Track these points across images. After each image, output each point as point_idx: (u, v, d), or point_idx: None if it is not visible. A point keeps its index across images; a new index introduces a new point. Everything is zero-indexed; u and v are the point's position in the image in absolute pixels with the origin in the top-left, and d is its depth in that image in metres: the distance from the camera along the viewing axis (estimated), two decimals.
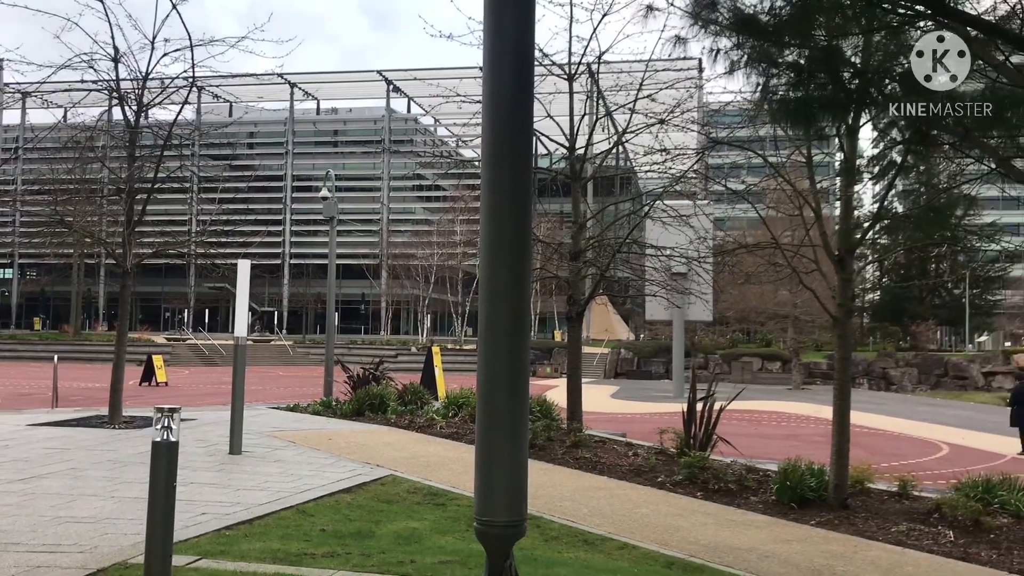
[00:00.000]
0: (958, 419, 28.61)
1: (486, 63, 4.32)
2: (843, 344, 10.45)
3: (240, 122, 68.51)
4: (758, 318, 48.12)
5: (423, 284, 61.05)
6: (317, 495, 9.21)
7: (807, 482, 9.85)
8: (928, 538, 8.64)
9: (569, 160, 15.13)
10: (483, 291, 4.29)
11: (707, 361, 47.43)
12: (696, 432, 12.28)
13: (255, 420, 15.58)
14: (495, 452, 4.22)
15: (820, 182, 11.71)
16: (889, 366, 47.37)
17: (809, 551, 7.90)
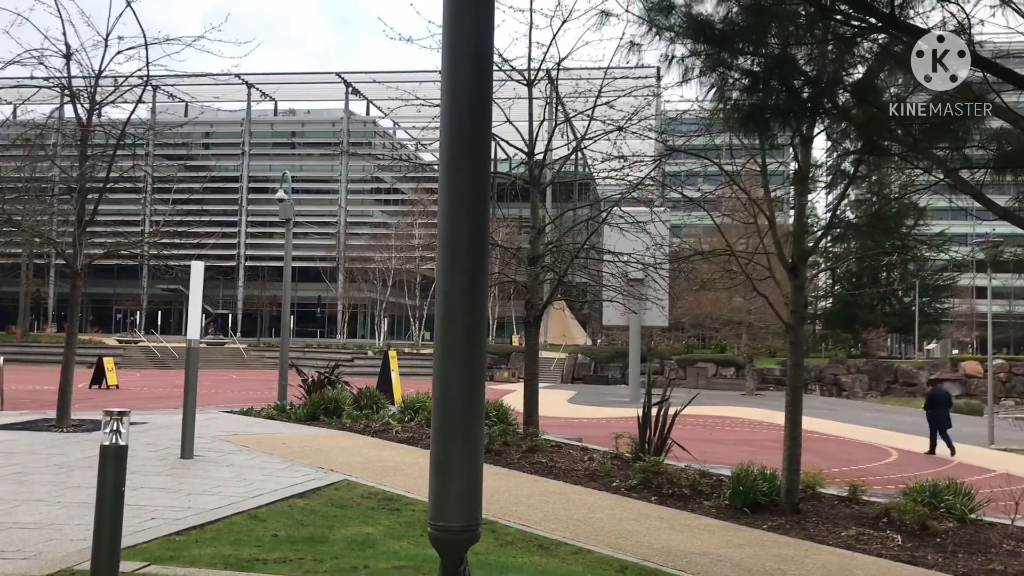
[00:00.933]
0: (907, 425, 29.12)
1: (444, 67, 4.32)
2: (795, 350, 10.59)
3: (196, 122, 67.56)
4: (713, 324, 48.62)
5: (380, 288, 60.72)
6: (270, 500, 9.11)
7: (759, 487, 9.97)
8: (877, 542, 8.79)
9: (528, 165, 15.16)
10: (439, 295, 4.28)
11: (663, 366, 47.80)
12: (651, 437, 12.37)
13: (208, 424, 15.37)
14: (450, 457, 4.21)
15: (774, 190, 11.84)
16: (841, 372, 48.17)
17: (761, 555, 7.99)
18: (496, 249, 17.72)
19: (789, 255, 10.41)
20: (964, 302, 67.32)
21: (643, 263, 15.42)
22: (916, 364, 50.24)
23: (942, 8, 5.41)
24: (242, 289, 72.89)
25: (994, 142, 5.46)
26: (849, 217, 12.84)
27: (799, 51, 5.63)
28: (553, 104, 17.02)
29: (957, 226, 58.61)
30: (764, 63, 5.33)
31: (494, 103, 14.00)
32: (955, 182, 5.50)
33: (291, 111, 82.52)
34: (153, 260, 21.32)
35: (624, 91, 15.47)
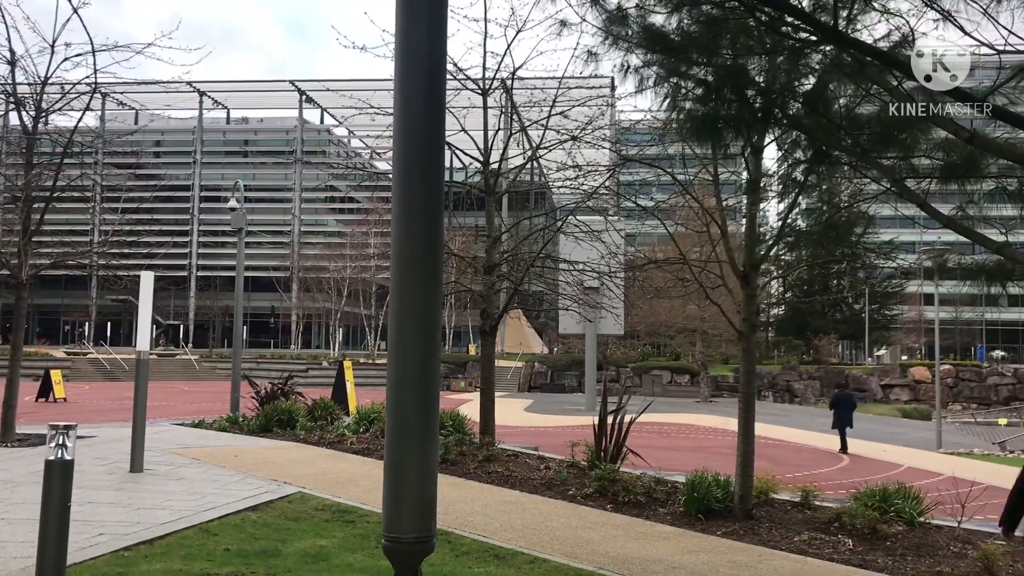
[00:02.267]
0: (858, 431, 29.56)
1: (397, 75, 4.31)
2: (748, 357, 10.70)
3: (146, 130, 66.72)
4: (668, 332, 49.07)
5: (335, 297, 60.29)
6: (222, 513, 8.97)
7: (713, 493, 10.05)
8: (829, 546, 8.90)
9: (483, 174, 15.16)
10: (393, 304, 4.25)
11: (619, 374, 48.08)
12: (607, 445, 12.40)
13: (158, 437, 15.09)
14: (404, 467, 4.19)
15: (726, 200, 12.00)
16: (793, 379, 48.85)
17: (715, 561, 8.05)
18: (452, 258, 17.69)
19: (741, 263, 10.54)
20: (912, 309, 68.72)
21: (598, 272, 15.50)
22: (866, 370, 51.18)
23: (887, 22, 5.52)
24: (194, 299, 71.93)
25: (940, 152, 5.60)
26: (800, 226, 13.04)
27: (751, 62, 5.71)
28: (508, 113, 17.08)
29: (905, 234, 60.11)
30: (717, 73, 5.40)
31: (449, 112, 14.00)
32: (901, 191, 5.61)
33: (244, 119, 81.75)
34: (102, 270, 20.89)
35: (579, 101, 15.56)
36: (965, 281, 6.11)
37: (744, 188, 11.04)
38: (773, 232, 12.70)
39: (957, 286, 6.60)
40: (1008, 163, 5.43)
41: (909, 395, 47.76)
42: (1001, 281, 5.55)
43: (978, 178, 5.50)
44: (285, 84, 70.24)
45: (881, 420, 37.13)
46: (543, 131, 15.26)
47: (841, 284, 60.56)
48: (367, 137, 64.45)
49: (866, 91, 5.62)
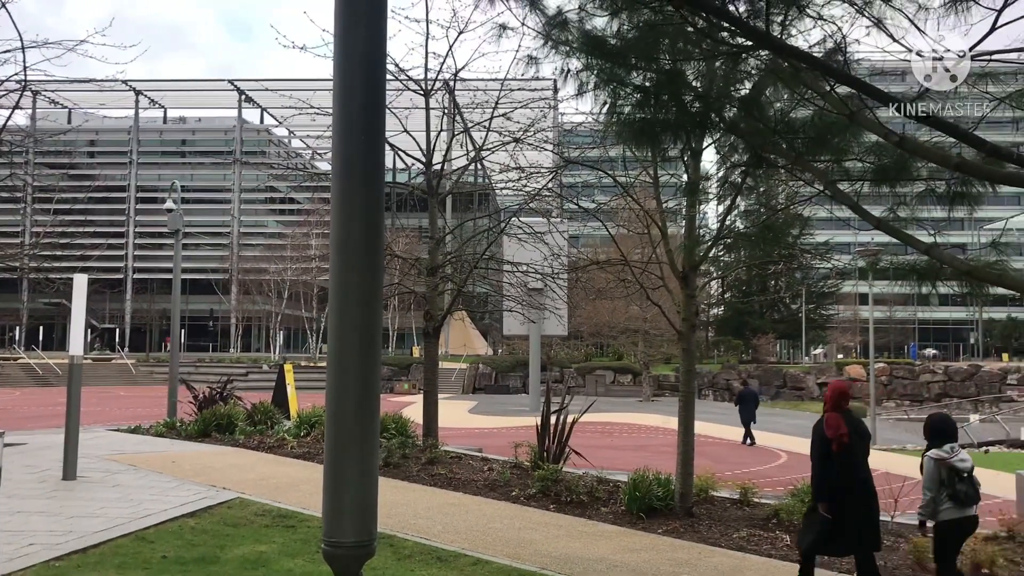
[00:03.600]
0: (795, 428, 30.15)
1: (337, 75, 4.27)
2: (688, 357, 10.83)
3: (79, 129, 65.10)
4: (610, 332, 49.44)
5: (276, 300, 59.51)
6: (158, 520, 8.79)
7: (655, 492, 10.15)
8: (767, 543, 9.06)
9: (426, 175, 15.12)
10: (332, 306, 4.22)
11: (563, 375, 48.30)
12: (550, 445, 12.45)
13: (92, 443, 14.73)
14: (344, 471, 4.15)
15: (667, 202, 12.13)
16: (732, 378, 49.59)
17: (656, 559, 8.13)
18: (395, 259, 17.60)
19: (680, 264, 10.67)
20: (848, 308, 70.33)
21: (542, 273, 15.56)
22: (803, 369, 52.21)
23: (821, 28, 5.64)
24: (130, 302, 70.38)
25: (871, 155, 5.74)
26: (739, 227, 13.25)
27: (689, 67, 5.79)
28: (451, 114, 17.05)
29: (840, 236, 61.52)
30: (655, 78, 5.46)
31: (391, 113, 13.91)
32: (834, 194, 5.74)
33: (181, 119, 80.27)
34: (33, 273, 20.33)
35: (521, 103, 15.60)
36: (897, 281, 6.27)
37: (683, 190, 11.17)
38: (713, 234, 12.89)
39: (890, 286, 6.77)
40: (936, 166, 5.60)
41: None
42: (931, 281, 5.70)
43: (908, 181, 5.67)
44: (224, 83, 69.14)
45: (817, 417, 37.84)
46: (486, 132, 15.28)
47: (779, 284, 61.73)
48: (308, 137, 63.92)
49: (801, 96, 5.74)
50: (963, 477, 6.93)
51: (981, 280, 5.36)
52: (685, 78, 5.63)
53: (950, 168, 4.94)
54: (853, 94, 5.32)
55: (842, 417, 7.12)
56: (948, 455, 6.94)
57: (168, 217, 22.06)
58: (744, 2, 5.07)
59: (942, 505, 6.96)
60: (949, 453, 6.95)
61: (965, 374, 49.91)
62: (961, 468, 6.91)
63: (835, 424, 7.07)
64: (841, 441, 6.98)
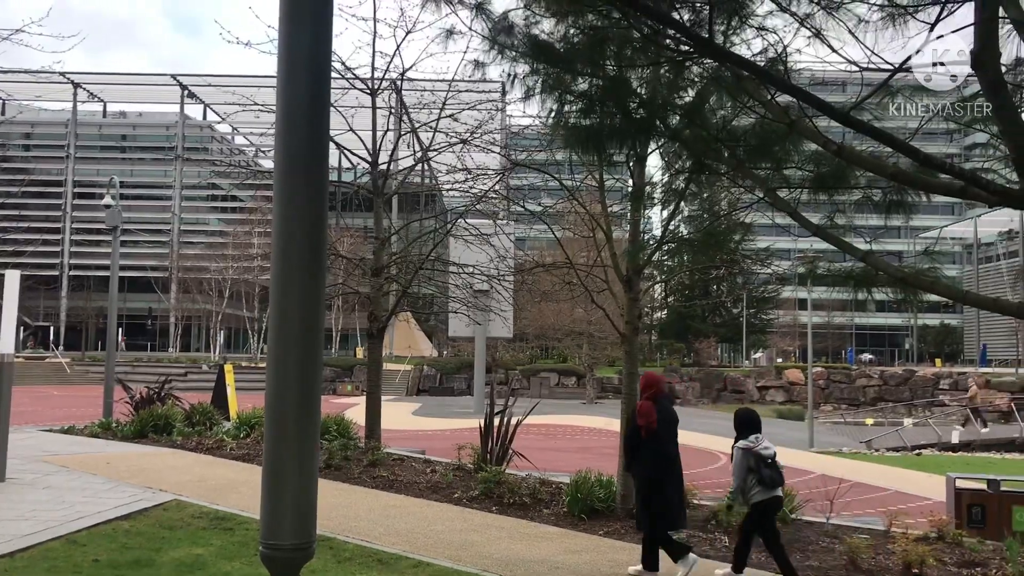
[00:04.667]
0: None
1: (280, 72, 4.22)
2: (630, 360, 10.93)
3: (13, 122, 63.36)
4: (555, 335, 49.65)
5: (216, 299, 58.54)
6: (91, 523, 8.59)
7: (596, 494, 10.23)
8: (706, 544, 9.19)
9: (372, 175, 15.02)
10: (273, 306, 4.16)
11: (508, 377, 48.33)
12: (493, 447, 12.46)
13: (24, 444, 14.32)
14: (283, 473, 4.09)
15: (612, 206, 12.23)
16: (675, 381, 50.15)
17: (596, 560, 8.18)
18: (339, 259, 17.45)
19: (625, 268, 10.76)
20: (787, 313, 71.70)
21: (488, 275, 15.55)
22: (744, 372, 53.05)
23: (763, 38, 5.74)
24: (65, 300, 68.62)
25: (810, 164, 5.86)
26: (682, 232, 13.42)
27: (634, 73, 5.84)
28: (398, 114, 16.96)
29: (781, 242, 62.64)
30: (601, 85, 5.50)
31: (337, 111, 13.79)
32: (774, 201, 5.85)
33: (122, 113, 78.54)
34: None
35: (469, 104, 15.59)
36: (835, 287, 6.42)
37: (629, 196, 11.28)
38: (657, 238, 13.03)
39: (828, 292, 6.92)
40: (873, 175, 5.73)
41: (784, 396, 49.74)
42: (867, 287, 5.84)
43: (845, 189, 5.80)
44: (166, 78, 67.84)
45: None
46: (433, 133, 15.23)
47: (720, 289, 62.66)
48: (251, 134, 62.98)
49: (743, 104, 5.83)
50: (768, 463, 7.84)
51: (914, 287, 5.50)
52: (630, 85, 5.68)
53: (886, 177, 5.07)
54: (794, 103, 5.42)
55: (654, 405, 7.84)
56: (754, 444, 7.85)
57: (106, 213, 21.57)
58: (688, 10, 5.14)
59: (752, 489, 7.84)
60: (755, 443, 7.87)
61: (900, 379, 51.19)
62: (766, 455, 7.84)
63: (646, 411, 7.79)
64: (650, 428, 7.73)
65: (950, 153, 5.00)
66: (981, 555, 9.15)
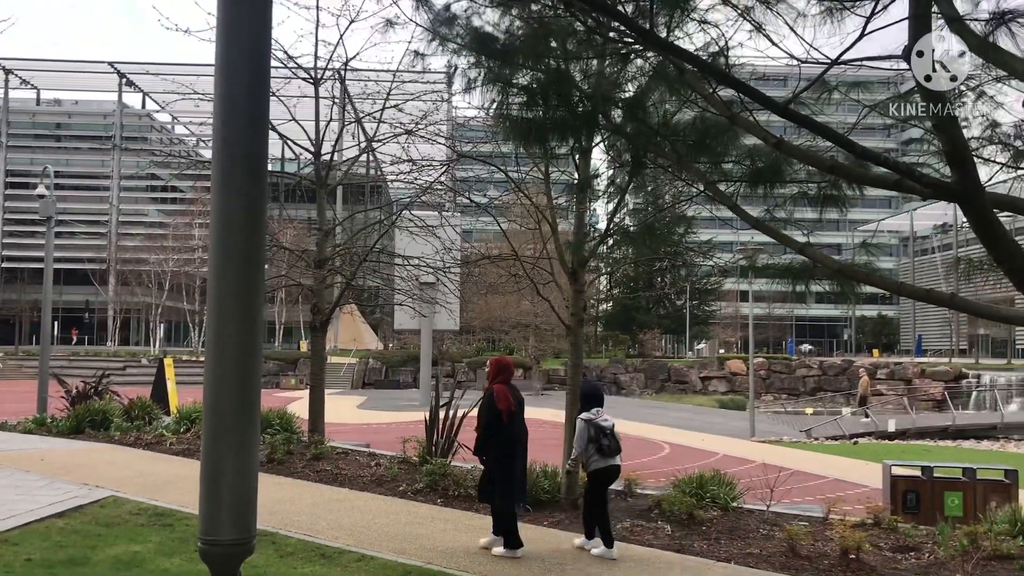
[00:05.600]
0: (679, 420, 31.02)
1: (219, 60, 4.15)
2: (575, 351, 10.99)
3: None
4: (502, 327, 49.79)
5: (156, 291, 57.41)
6: (24, 521, 8.35)
7: (541, 484, 10.27)
8: (649, 532, 9.28)
9: (315, 165, 14.83)
10: (211, 298, 4.09)
11: (454, 369, 48.25)
12: (438, 440, 12.43)
13: None
14: (221, 468, 4.04)
15: (557, 198, 12.26)
16: (620, 372, 50.61)
17: (541, 551, 8.21)
18: (282, 251, 17.23)
19: (570, 260, 10.79)
20: (729, 305, 72.83)
21: (434, 267, 15.47)
22: (687, 363, 53.71)
23: (705, 32, 5.79)
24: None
25: (748, 158, 5.94)
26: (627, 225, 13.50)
27: (577, 67, 5.84)
28: (341, 104, 16.77)
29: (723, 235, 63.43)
30: (543, 78, 5.49)
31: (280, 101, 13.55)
32: (714, 194, 5.91)
33: (56, 101, 76.40)
34: None
35: (414, 95, 15.49)
36: (775, 279, 6.52)
37: (573, 188, 11.32)
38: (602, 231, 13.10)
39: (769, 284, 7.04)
40: (810, 169, 5.83)
41: (726, 386, 50.49)
42: (805, 279, 5.93)
43: (781, 182, 5.89)
44: (103, 65, 66.15)
45: (700, 410, 39.07)
46: (377, 124, 15.10)
47: (664, 281, 63.40)
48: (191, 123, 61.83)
49: (685, 98, 5.88)
50: (607, 434, 8.39)
51: (851, 278, 5.62)
52: (572, 79, 5.69)
53: (824, 170, 5.16)
54: (734, 98, 5.48)
55: (508, 389, 8.24)
56: (595, 416, 8.36)
57: (39, 203, 20.99)
58: (632, 3, 5.15)
59: (592, 457, 8.37)
60: (596, 415, 8.38)
61: (838, 369, 52.32)
62: (605, 426, 8.37)
63: (504, 395, 8.17)
64: (511, 410, 8.13)
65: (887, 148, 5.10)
66: (915, 540, 9.40)
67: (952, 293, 5.01)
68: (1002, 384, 42.83)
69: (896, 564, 8.42)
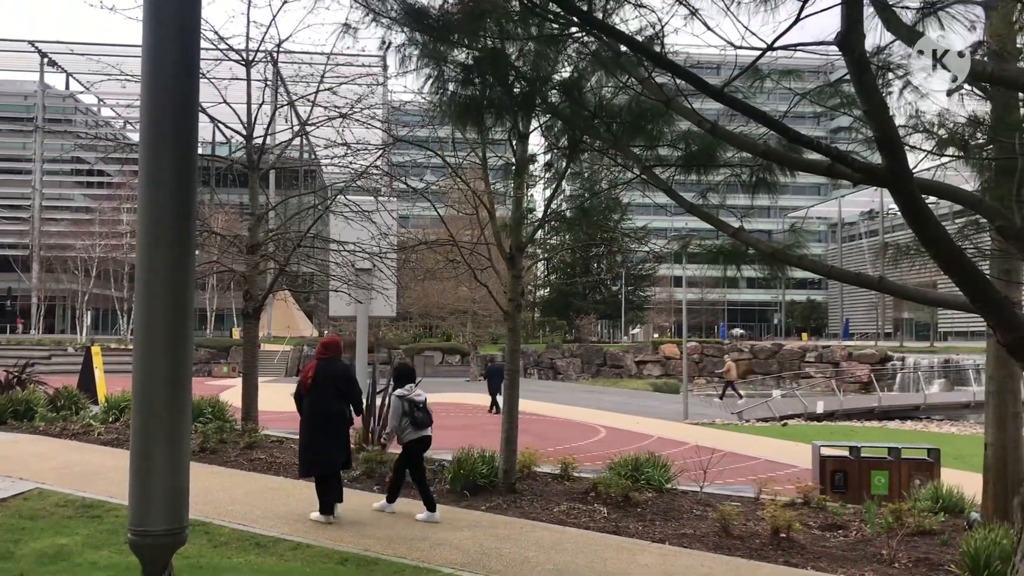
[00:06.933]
0: (615, 404, 31.35)
1: (146, 40, 4.01)
2: (513, 337, 11.01)
3: None
4: (440, 313, 49.64)
5: (83, 278, 55.80)
6: None
7: (479, 469, 10.29)
8: (586, 515, 9.37)
9: (247, 149, 14.55)
10: (140, 285, 3.98)
11: (391, 356, 47.99)
12: (375, 427, 12.36)
13: None
14: (152, 457, 3.94)
15: (494, 184, 12.23)
16: (556, 357, 50.92)
17: (479, 536, 8.23)
18: (213, 236, 16.89)
19: (507, 246, 10.80)
20: (663, 290, 73.78)
21: (370, 252, 15.33)
22: (622, 347, 54.30)
23: (641, 17, 5.81)
24: None
25: (682, 142, 6.00)
26: (564, 211, 13.56)
27: (513, 46, 5.81)
28: (274, 87, 16.48)
29: (657, 221, 64.34)
30: (479, 57, 5.45)
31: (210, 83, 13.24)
32: (650, 178, 5.95)
33: None
34: None
35: (348, 78, 15.29)
36: (708, 264, 6.60)
37: (511, 172, 11.30)
38: (540, 217, 13.12)
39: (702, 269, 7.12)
40: (744, 155, 5.90)
41: (660, 370, 51.18)
42: (737, 263, 6.02)
43: (716, 167, 5.97)
44: (23, 44, 63.75)
45: (635, 394, 39.56)
46: (311, 107, 14.88)
47: (600, 267, 63.94)
48: (118, 105, 60.05)
49: (621, 82, 5.90)
50: (419, 407, 9.09)
51: (782, 262, 5.71)
52: (508, 58, 5.66)
53: (758, 155, 5.22)
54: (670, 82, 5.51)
55: (316, 364, 8.98)
56: (408, 392, 9.08)
57: None
58: None
59: (405, 430, 9.07)
60: (409, 391, 9.09)
61: (769, 352, 53.44)
62: (418, 401, 9.09)
63: (307, 369, 9.04)
64: (306, 383, 8.85)
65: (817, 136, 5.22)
66: (843, 518, 9.67)
67: (880, 276, 5.13)
68: (925, 366, 44.21)
69: (825, 542, 8.65)
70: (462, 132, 9.84)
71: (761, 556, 7.97)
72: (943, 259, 4.02)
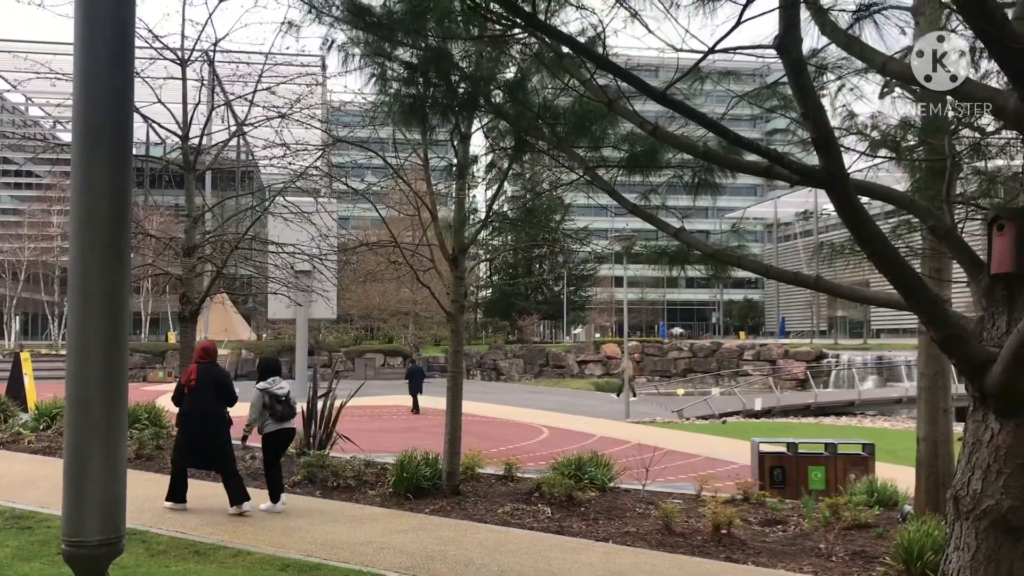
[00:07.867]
0: (558, 404, 31.49)
1: (78, 36, 3.90)
2: (456, 338, 10.98)
3: None
4: (381, 315, 49.31)
5: (11, 282, 54.11)
6: None
7: (422, 472, 10.23)
8: (529, 516, 9.38)
9: (183, 149, 14.25)
10: (73, 289, 3.85)
11: (331, 359, 47.49)
12: (316, 431, 12.22)
13: None
14: (86, 465, 3.82)
15: (437, 184, 12.18)
16: (499, 358, 50.96)
17: (423, 539, 8.19)
18: (148, 239, 16.53)
19: (450, 247, 10.76)
20: (605, 290, 74.35)
21: (309, 254, 15.14)
22: (564, 348, 54.56)
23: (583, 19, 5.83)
24: None
25: (626, 143, 6.04)
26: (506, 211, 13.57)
27: (457, 46, 5.79)
28: (210, 86, 16.17)
29: (599, 222, 64.86)
30: (423, 56, 5.41)
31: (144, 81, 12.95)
32: (593, 179, 5.99)
33: None
34: None
35: (287, 78, 15.08)
36: (650, 264, 6.65)
37: (453, 173, 11.27)
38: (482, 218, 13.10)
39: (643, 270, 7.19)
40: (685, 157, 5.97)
41: (602, 370, 51.56)
42: (680, 263, 6.08)
43: (658, 168, 6.02)
44: None
45: (577, 394, 39.78)
46: (249, 107, 14.65)
47: (543, 268, 64.16)
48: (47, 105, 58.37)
49: (564, 84, 5.92)
50: (280, 400, 9.40)
51: (723, 262, 5.79)
52: (451, 58, 5.63)
53: (698, 156, 5.27)
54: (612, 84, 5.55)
55: (196, 368, 9.41)
56: (269, 385, 9.39)
57: None
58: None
59: (266, 421, 9.42)
60: (271, 384, 9.41)
61: (708, 351, 54.20)
62: (279, 394, 9.40)
63: (188, 372, 9.48)
64: (190, 384, 9.28)
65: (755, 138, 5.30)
66: (782, 513, 9.85)
67: (817, 276, 5.23)
68: (859, 363, 45.32)
69: (765, 537, 8.80)
70: (406, 132, 9.79)
71: (703, 552, 8.07)
72: (878, 258, 4.10)
